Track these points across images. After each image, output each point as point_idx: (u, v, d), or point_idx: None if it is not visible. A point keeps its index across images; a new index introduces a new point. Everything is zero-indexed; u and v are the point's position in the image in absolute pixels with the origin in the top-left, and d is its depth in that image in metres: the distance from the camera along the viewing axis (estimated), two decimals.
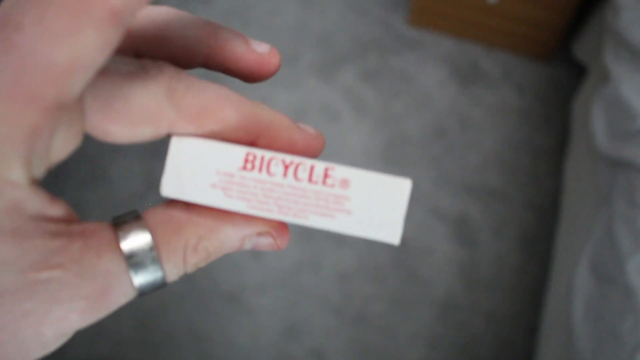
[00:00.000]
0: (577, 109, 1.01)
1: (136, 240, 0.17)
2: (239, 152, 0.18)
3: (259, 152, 0.18)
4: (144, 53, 0.19)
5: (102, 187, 1.10)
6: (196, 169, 0.18)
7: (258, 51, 0.20)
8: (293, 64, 1.22)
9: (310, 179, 0.18)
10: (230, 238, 0.19)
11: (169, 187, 0.18)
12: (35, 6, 0.14)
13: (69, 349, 0.98)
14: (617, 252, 0.71)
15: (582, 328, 0.73)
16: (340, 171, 0.18)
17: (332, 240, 1.07)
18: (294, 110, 1.18)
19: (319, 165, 0.18)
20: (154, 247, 0.17)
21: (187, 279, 1.03)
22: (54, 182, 1.08)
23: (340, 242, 1.07)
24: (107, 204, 1.09)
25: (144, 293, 0.18)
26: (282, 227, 0.20)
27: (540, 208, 1.12)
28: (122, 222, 0.17)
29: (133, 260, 0.17)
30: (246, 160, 0.18)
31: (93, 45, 0.14)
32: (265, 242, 0.20)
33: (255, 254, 1.05)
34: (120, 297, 0.17)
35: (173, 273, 0.18)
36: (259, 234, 0.19)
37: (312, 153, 0.20)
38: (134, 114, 0.17)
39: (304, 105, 1.18)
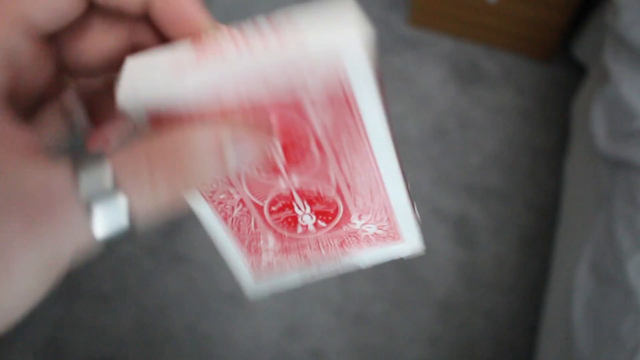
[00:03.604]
0: (577, 109, 1.01)
1: (90, 159, 0.15)
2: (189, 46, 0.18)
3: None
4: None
5: None
6: (151, 77, 0.17)
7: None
8: None
9: None
10: (203, 135, 0.16)
11: (124, 96, 0.17)
12: None
13: (68, 349, 0.98)
14: (617, 252, 0.71)
15: (582, 328, 0.73)
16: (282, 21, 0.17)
17: None
18: None
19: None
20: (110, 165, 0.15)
21: (187, 279, 1.03)
22: None
23: None
24: None
25: (101, 219, 0.15)
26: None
27: (540, 208, 1.12)
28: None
29: (83, 174, 0.15)
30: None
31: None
32: (250, 147, 0.17)
33: None
34: (68, 216, 0.15)
35: (136, 188, 0.15)
36: (237, 137, 0.16)
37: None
38: None
39: None
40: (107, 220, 0.15)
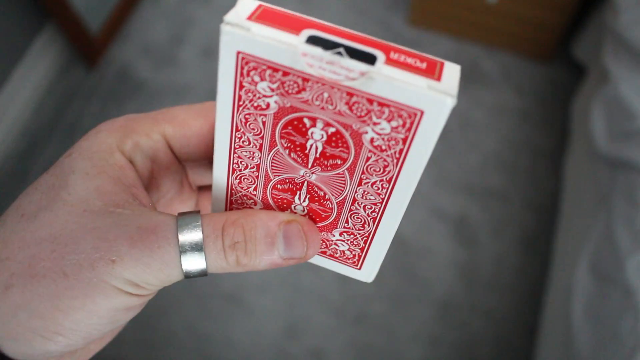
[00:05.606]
0: (576, 109, 1.02)
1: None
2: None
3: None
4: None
5: None
6: None
7: None
8: None
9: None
10: (264, 217, 0.21)
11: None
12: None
13: None
14: (617, 252, 0.71)
15: (582, 328, 0.73)
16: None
17: None
18: None
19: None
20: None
21: (186, 279, 1.03)
22: None
23: None
24: None
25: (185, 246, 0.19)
26: (309, 223, 0.22)
27: (540, 208, 1.12)
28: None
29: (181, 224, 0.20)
30: None
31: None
32: (294, 229, 0.21)
33: None
34: (164, 250, 0.19)
35: (211, 235, 0.20)
36: (288, 222, 0.21)
37: None
38: None
39: None
40: (190, 261, 0.19)
